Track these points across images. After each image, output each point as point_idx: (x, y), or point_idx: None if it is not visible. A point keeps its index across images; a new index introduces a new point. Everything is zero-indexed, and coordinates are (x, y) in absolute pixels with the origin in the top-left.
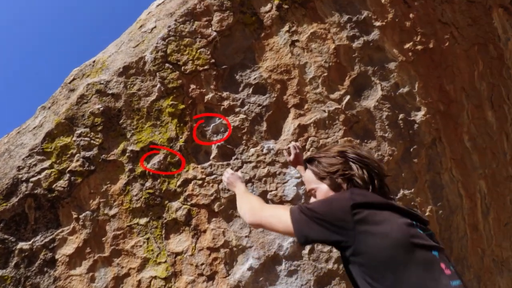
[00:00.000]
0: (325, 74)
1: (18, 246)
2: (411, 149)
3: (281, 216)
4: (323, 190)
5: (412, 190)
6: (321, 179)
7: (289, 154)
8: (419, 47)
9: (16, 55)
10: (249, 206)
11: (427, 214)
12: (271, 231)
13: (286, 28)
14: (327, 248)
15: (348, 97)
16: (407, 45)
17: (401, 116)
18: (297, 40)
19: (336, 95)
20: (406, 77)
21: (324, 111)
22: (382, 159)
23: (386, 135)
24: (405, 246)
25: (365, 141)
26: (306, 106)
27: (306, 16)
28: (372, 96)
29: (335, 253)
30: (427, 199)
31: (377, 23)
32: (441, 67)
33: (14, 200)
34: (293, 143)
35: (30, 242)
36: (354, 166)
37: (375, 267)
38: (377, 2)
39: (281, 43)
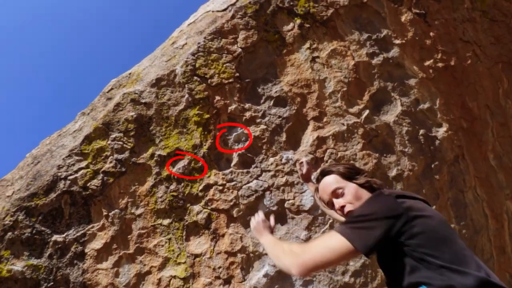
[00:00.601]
0: (345, 89)
1: (53, 238)
2: (432, 165)
3: (331, 245)
4: (352, 186)
5: (434, 207)
6: (349, 178)
7: (301, 169)
8: (440, 64)
9: (61, 67)
10: (289, 256)
11: None
12: (327, 267)
13: (307, 45)
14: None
15: (367, 111)
16: (427, 62)
17: (421, 131)
18: (318, 57)
19: (355, 109)
20: (427, 94)
21: (343, 124)
22: (402, 174)
23: (406, 150)
24: (446, 224)
25: (384, 155)
26: (325, 119)
27: (327, 34)
28: (392, 111)
29: (352, 266)
30: (449, 217)
31: (397, 41)
32: (463, 85)
33: (53, 195)
34: (304, 158)
35: (63, 235)
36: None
37: (434, 245)
38: (397, 21)
39: (302, 59)
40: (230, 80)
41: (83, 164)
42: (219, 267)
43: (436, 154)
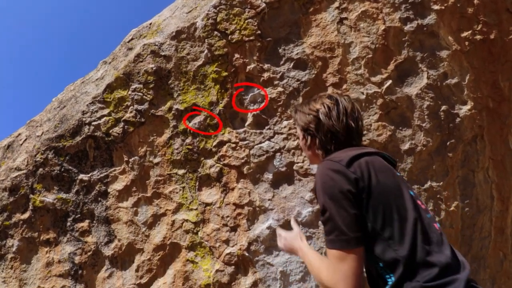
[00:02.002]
0: (370, 55)
1: (79, 177)
2: (448, 143)
3: (334, 263)
4: (301, 139)
5: (441, 183)
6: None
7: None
8: (478, 37)
9: (80, 14)
10: (323, 273)
11: (452, 209)
12: (358, 278)
13: (336, 4)
14: None
15: (389, 81)
16: (464, 34)
17: (443, 107)
18: (346, 18)
19: (377, 78)
20: (457, 68)
21: (363, 93)
22: (415, 149)
23: (424, 125)
24: (393, 188)
25: (400, 128)
26: (344, 86)
27: None
28: (416, 84)
29: None
30: (454, 195)
31: (436, 7)
32: (499, 62)
33: (78, 139)
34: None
35: (88, 175)
36: (325, 122)
37: (380, 217)
38: None
39: (329, 19)
40: (251, 38)
41: (106, 111)
42: (227, 216)
43: (454, 132)
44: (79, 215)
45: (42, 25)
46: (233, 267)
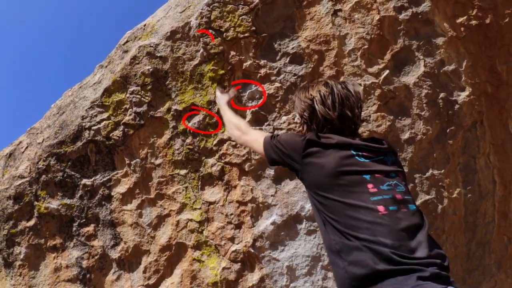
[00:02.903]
0: (366, 46)
1: (82, 182)
2: (448, 130)
3: (259, 141)
4: (297, 120)
5: (442, 171)
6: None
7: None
8: (473, 22)
9: (74, 19)
10: (235, 130)
11: (454, 196)
12: (251, 149)
13: None
14: None
15: (387, 71)
16: (460, 19)
17: (442, 95)
18: (340, 10)
19: (374, 69)
20: (454, 54)
21: (360, 84)
22: (415, 137)
23: (423, 113)
24: (333, 174)
25: (399, 117)
26: (341, 79)
27: None
28: (413, 72)
29: None
30: (456, 182)
31: None
32: (496, 46)
33: (79, 144)
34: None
35: (91, 180)
36: (319, 109)
37: (315, 192)
38: None
39: (323, 12)
40: (246, 35)
41: (105, 115)
42: (231, 214)
43: (454, 119)
44: (84, 220)
45: (35, 30)
46: (239, 264)
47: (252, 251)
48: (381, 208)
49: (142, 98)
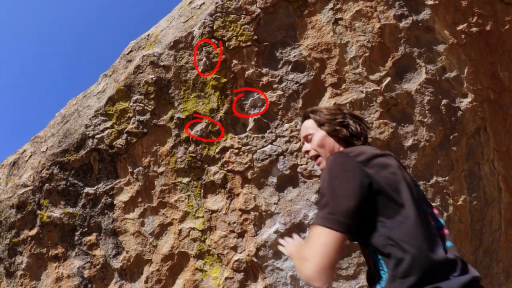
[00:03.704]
0: (367, 54)
1: (85, 190)
2: (451, 137)
3: (319, 240)
4: (319, 135)
5: (447, 178)
6: (321, 125)
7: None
8: (474, 29)
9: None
10: (303, 265)
11: (459, 203)
12: (334, 264)
13: (330, 5)
14: None
15: (388, 79)
16: (460, 27)
17: (444, 101)
18: (341, 18)
19: (376, 76)
20: (455, 61)
21: (362, 92)
22: (418, 144)
23: (425, 120)
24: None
25: (402, 124)
26: (343, 86)
27: None
28: (415, 79)
29: None
30: (461, 189)
31: (430, 1)
32: (497, 52)
33: (83, 152)
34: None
35: (94, 188)
36: (350, 120)
37: (388, 205)
38: None
39: (324, 21)
40: (248, 43)
41: (108, 124)
42: (234, 222)
43: (457, 125)
44: (86, 229)
45: (40, 40)
46: (242, 273)
47: (255, 260)
48: None
49: (145, 107)
